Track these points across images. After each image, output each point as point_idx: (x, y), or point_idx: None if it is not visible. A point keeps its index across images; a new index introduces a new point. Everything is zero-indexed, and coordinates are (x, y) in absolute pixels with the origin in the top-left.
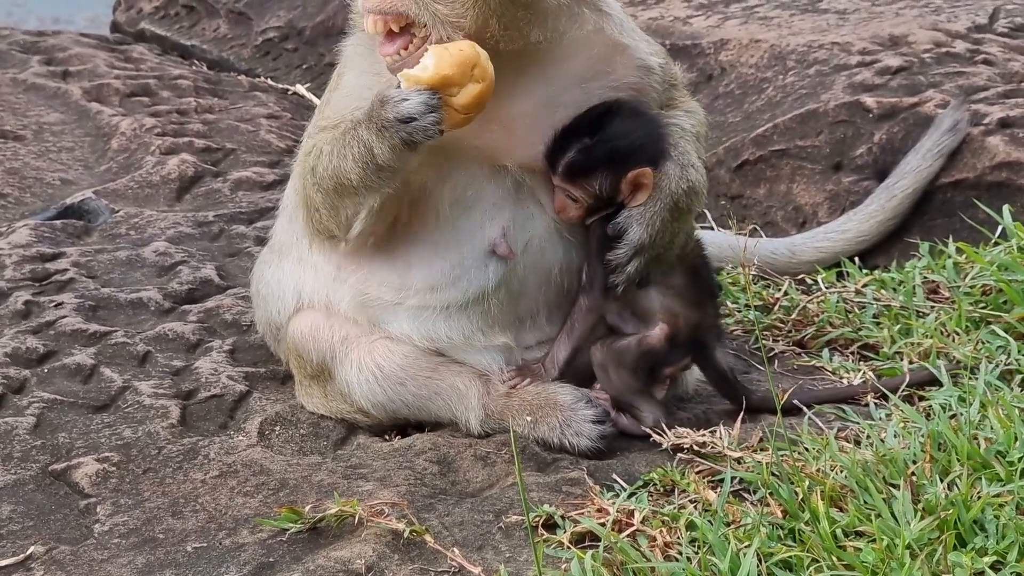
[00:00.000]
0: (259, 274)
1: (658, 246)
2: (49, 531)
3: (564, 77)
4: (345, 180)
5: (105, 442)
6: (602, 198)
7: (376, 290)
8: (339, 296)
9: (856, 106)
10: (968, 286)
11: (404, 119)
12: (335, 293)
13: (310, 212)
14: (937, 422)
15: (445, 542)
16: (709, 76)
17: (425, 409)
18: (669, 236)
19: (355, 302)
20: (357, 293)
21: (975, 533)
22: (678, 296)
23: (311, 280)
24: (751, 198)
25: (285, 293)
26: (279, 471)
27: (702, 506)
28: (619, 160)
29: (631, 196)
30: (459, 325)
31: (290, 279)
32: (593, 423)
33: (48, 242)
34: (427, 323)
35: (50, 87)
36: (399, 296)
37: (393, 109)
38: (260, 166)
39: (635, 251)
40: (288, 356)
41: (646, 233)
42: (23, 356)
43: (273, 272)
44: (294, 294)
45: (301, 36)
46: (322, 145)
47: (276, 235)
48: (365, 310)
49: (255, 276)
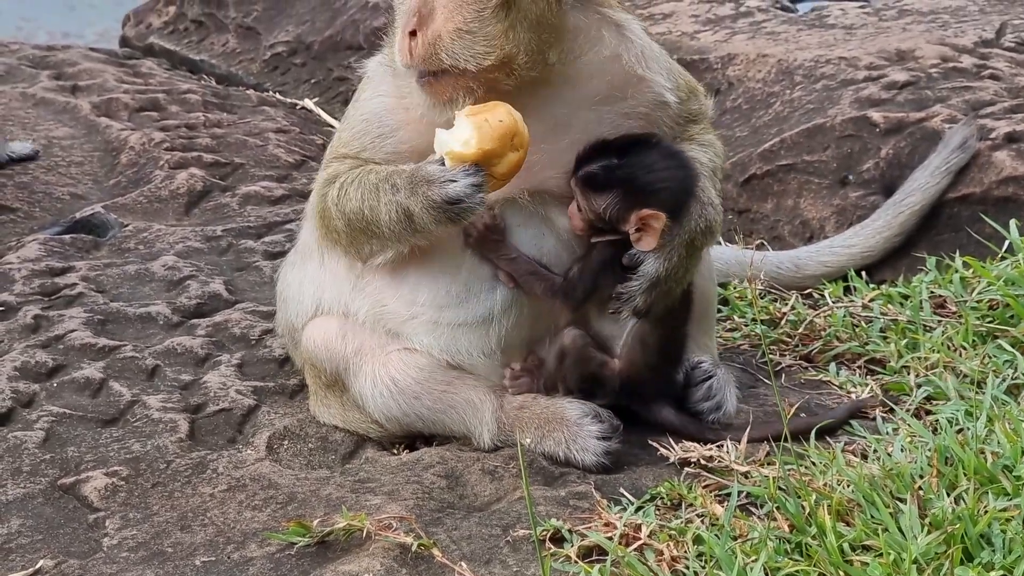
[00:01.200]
0: (284, 275)
1: (671, 280)
2: (58, 545)
3: (576, 99)
4: (375, 228)
5: (114, 456)
6: (603, 220)
7: (393, 303)
8: (357, 304)
9: (863, 121)
10: (975, 300)
11: (451, 201)
12: (354, 302)
13: (329, 232)
14: (944, 436)
15: (453, 556)
16: (717, 91)
17: (439, 423)
18: (682, 272)
19: (373, 312)
20: (375, 303)
21: (982, 547)
22: (643, 348)
23: (331, 285)
24: (758, 212)
25: (304, 296)
26: (287, 485)
27: (709, 520)
28: (635, 191)
29: (637, 234)
30: (473, 342)
31: (311, 282)
32: (599, 439)
33: (57, 256)
34: (443, 338)
35: (59, 102)
36: (412, 311)
37: (440, 191)
38: (268, 180)
39: (650, 284)
40: (303, 365)
41: (663, 267)
42: (32, 370)
43: (296, 274)
44: (313, 299)
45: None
46: (347, 184)
47: (302, 237)
48: (383, 321)
49: (280, 277)
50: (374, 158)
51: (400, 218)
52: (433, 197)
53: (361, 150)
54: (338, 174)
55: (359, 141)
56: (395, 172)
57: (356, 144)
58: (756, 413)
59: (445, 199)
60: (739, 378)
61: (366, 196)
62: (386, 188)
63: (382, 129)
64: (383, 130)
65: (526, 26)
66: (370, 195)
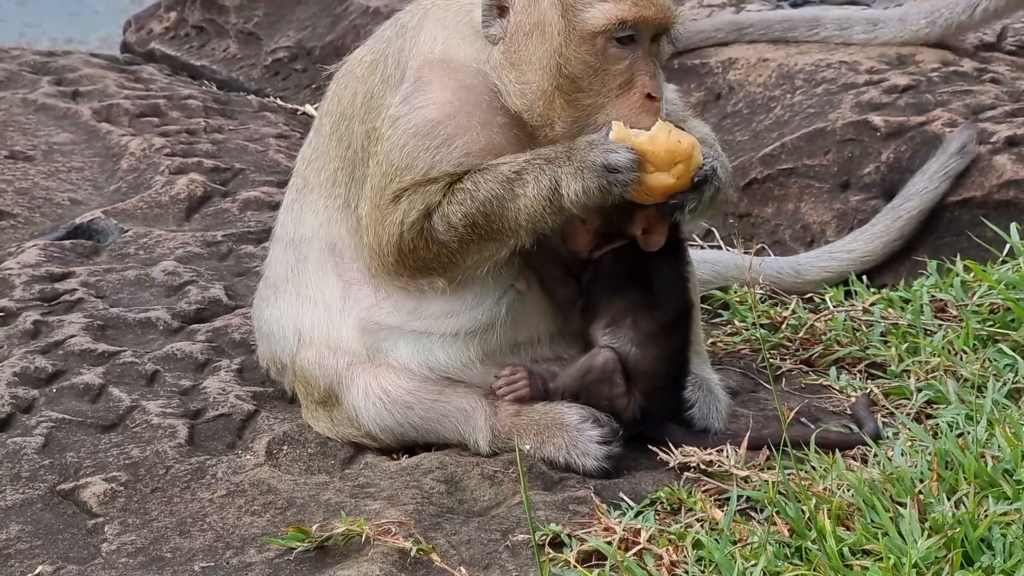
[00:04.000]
0: (258, 311)
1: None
2: (57, 550)
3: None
4: (498, 222)
5: (113, 462)
6: (610, 224)
7: (385, 316)
8: (341, 329)
9: (864, 125)
10: (976, 304)
11: (610, 168)
12: (336, 327)
13: (406, 261)
14: (944, 440)
15: (452, 561)
16: (717, 95)
17: (433, 432)
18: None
19: (357, 330)
20: (360, 321)
21: (982, 551)
22: (655, 376)
23: (310, 316)
24: (759, 217)
25: (286, 332)
26: (287, 490)
27: (709, 525)
28: None
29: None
30: (458, 352)
31: (289, 318)
32: (599, 443)
33: (57, 262)
34: (425, 351)
35: (60, 107)
36: (406, 320)
37: (602, 155)
38: (269, 186)
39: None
40: (295, 384)
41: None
42: (32, 376)
43: (271, 311)
44: (295, 332)
45: (310, 56)
46: (465, 191)
47: (271, 266)
48: (365, 337)
49: (255, 312)
50: (447, 170)
51: (547, 190)
52: (593, 159)
53: (429, 168)
54: (430, 204)
55: (426, 157)
56: (546, 149)
57: (422, 167)
58: (756, 417)
59: (605, 164)
60: (739, 383)
61: (498, 187)
62: (536, 164)
63: (444, 136)
64: (444, 137)
65: None
66: (504, 183)
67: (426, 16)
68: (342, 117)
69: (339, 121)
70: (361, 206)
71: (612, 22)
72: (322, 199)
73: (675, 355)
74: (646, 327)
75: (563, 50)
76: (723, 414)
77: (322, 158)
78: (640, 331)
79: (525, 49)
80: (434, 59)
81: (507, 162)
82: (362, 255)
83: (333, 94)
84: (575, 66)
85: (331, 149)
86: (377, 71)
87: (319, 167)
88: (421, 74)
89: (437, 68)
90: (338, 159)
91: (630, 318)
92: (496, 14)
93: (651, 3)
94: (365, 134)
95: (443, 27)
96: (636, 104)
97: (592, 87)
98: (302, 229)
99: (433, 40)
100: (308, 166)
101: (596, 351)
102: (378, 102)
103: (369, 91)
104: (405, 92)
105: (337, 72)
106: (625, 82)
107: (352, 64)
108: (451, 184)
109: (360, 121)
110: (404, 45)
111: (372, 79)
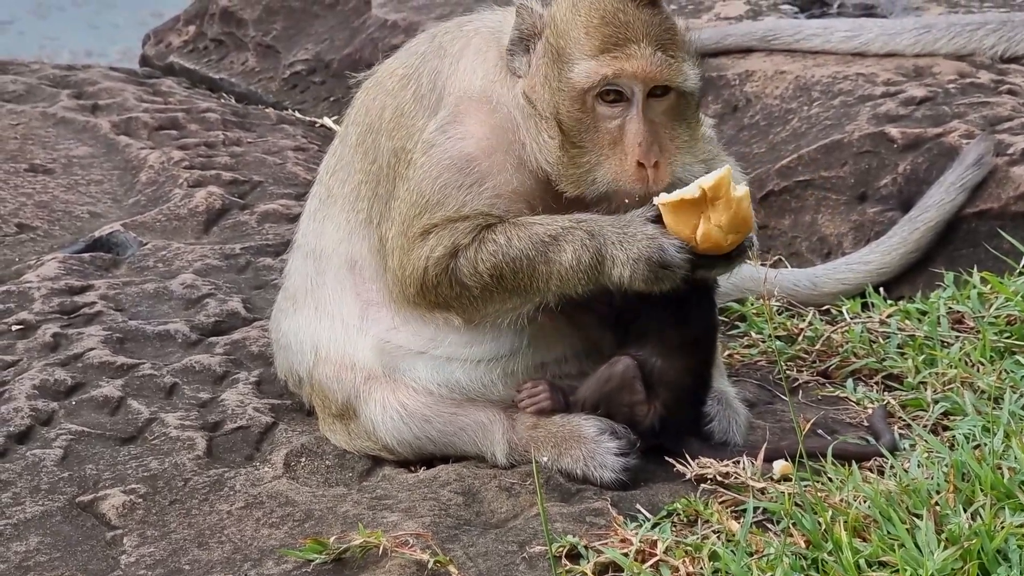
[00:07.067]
0: (276, 323)
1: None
2: (76, 562)
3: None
4: (526, 280)
5: (132, 474)
6: None
7: (404, 339)
8: (358, 347)
9: (881, 137)
10: (993, 316)
11: (664, 265)
12: (354, 344)
13: (429, 295)
14: (961, 452)
15: (469, 572)
16: (735, 107)
17: (451, 445)
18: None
19: (375, 350)
20: (378, 342)
21: (998, 563)
22: (678, 390)
23: (327, 332)
24: (776, 229)
25: (304, 346)
26: (304, 502)
27: (725, 536)
28: None
29: None
30: (480, 375)
31: (307, 332)
32: (617, 455)
33: (76, 275)
34: (446, 374)
35: (79, 121)
36: (427, 345)
37: (657, 252)
38: (287, 198)
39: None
40: (312, 397)
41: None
42: (51, 388)
43: (289, 324)
44: (312, 347)
45: (328, 69)
46: (504, 240)
47: (291, 276)
48: (383, 357)
49: (273, 324)
50: (479, 209)
51: (585, 268)
52: (650, 254)
53: (461, 206)
54: (458, 244)
55: (458, 195)
56: (587, 217)
57: (454, 200)
58: (773, 429)
59: (660, 261)
60: (756, 394)
61: (531, 248)
62: (578, 235)
63: (478, 173)
64: (478, 175)
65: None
66: (538, 245)
67: (468, 45)
68: (369, 130)
69: (365, 133)
70: (385, 226)
71: (595, 80)
72: (344, 212)
73: (699, 369)
74: (674, 340)
75: (559, 104)
76: (743, 428)
77: (346, 169)
78: (667, 343)
79: (538, 94)
80: (473, 94)
81: (542, 223)
82: (383, 277)
83: (361, 104)
84: (569, 122)
85: (356, 161)
86: (409, 87)
87: (343, 178)
88: (460, 107)
89: (476, 104)
90: (362, 172)
91: (657, 331)
92: (523, 48)
93: (633, 57)
94: (392, 151)
95: (483, 61)
96: (629, 173)
97: (586, 144)
98: (323, 241)
99: (473, 73)
100: (332, 176)
101: (616, 359)
102: (409, 121)
103: (399, 107)
104: (442, 121)
105: (366, 82)
106: (615, 141)
107: (382, 76)
108: (481, 229)
109: (388, 137)
110: (442, 69)
111: (403, 95)
